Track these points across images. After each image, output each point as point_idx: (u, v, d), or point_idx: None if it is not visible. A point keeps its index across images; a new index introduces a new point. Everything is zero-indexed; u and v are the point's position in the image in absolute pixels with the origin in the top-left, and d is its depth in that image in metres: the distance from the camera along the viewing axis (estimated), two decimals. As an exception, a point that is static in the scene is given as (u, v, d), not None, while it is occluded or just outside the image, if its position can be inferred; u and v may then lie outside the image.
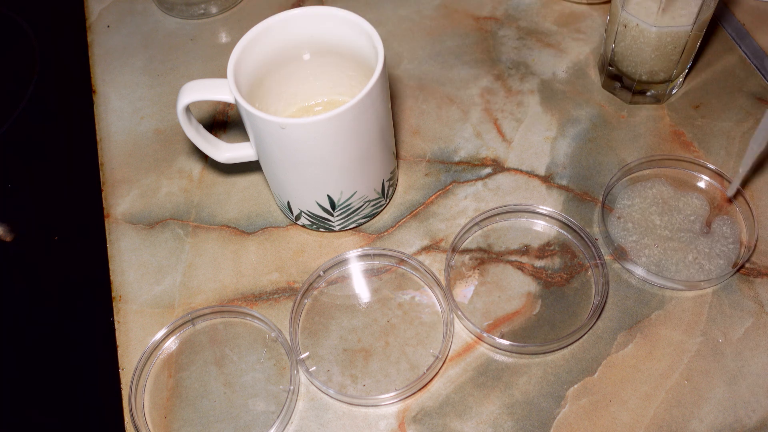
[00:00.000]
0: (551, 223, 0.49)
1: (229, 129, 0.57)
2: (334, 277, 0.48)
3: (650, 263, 0.46)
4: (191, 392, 0.44)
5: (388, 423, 0.42)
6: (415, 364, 0.44)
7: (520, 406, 0.42)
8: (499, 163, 0.53)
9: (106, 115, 0.59)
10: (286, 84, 0.48)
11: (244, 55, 0.43)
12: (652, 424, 0.41)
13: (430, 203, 0.51)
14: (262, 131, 0.41)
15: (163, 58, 0.62)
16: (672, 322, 0.45)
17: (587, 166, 0.52)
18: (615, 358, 0.44)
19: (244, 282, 0.48)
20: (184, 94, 0.44)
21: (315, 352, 0.45)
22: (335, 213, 0.47)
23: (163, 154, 0.56)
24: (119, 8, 0.67)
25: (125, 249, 0.51)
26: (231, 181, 0.54)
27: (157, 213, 0.53)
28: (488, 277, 0.47)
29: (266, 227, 0.51)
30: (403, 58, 0.60)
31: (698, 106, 0.55)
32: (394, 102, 0.57)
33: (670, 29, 0.48)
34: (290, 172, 0.44)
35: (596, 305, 0.45)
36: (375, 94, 0.41)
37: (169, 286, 0.49)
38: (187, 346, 0.46)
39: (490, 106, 0.56)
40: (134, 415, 0.42)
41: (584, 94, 0.56)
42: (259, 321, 0.46)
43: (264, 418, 0.43)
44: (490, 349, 0.45)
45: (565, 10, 0.62)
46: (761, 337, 0.44)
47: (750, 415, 0.41)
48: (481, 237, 0.49)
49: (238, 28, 0.64)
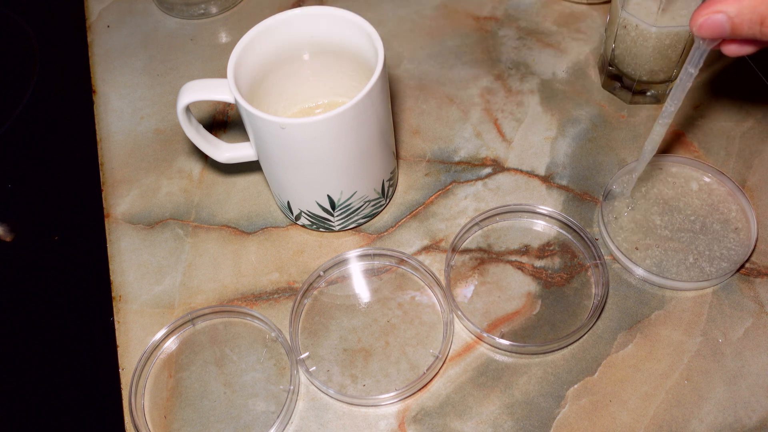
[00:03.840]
0: (551, 223, 0.49)
1: (229, 129, 0.57)
2: (334, 277, 0.48)
3: (650, 263, 0.46)
4: (191, 392, 0.44)
5: (388, 423, 0.42)
6: (415, 364, 0.44)
7: (520, 406, 0.42)
8: (499, 163, 0.53)
9: (106, 115, 0.59)
10: (286, 84, 0.48)
11: (244, 55, 0.43)
12: (652, 424, 0.41)
13: (430, 203, 0.51)
14: (262, 131, 0.41)
15: (163, 58, 0.62)
16: (672, 322, 0.45)
17: (587, 166, 0.52)
18: (615, 358, 0.44)
19: (244, 282, 0.48)
20: (184, 94, 0.44)
21: (315, 352, 0.45)
22: (335, 213, 0.47)
23: (163, 154, 0.56)
24: (119, 8, 0.67)
25: (125, 249, 0.51)
26: (231, 181, 0.54)
27: (157, 213, 0.53)
28: (488, 277, 0.47)
29: (266, 227, 0.51)
30: (403, 58, 0.60)
31: (698, 106, 0.55)
32: (394, 102, 0.57)
33: (670, 29, 0.48)
34: (290, 172, 0.44)
35: (596, 305, 0.45)
36: (375, 94, 0.41)
37: (169, 286, 0.49)
38: (187, 346, 0.46)
39: (490, 106, 0.56)
40: (134, 415, 0.42)
41: (584, 94, 0.56)
42: (259, 321, 0.46)
43: (264, 418, 0.43)
44: (490, 349, 0.45)
45: (565, 10, 0.62)
46: (761, 337, 0.44)
47: (750, 415, 0.41)
48: (481, 237, 0.49)
49: (238, 28, 0.64)
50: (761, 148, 0.52)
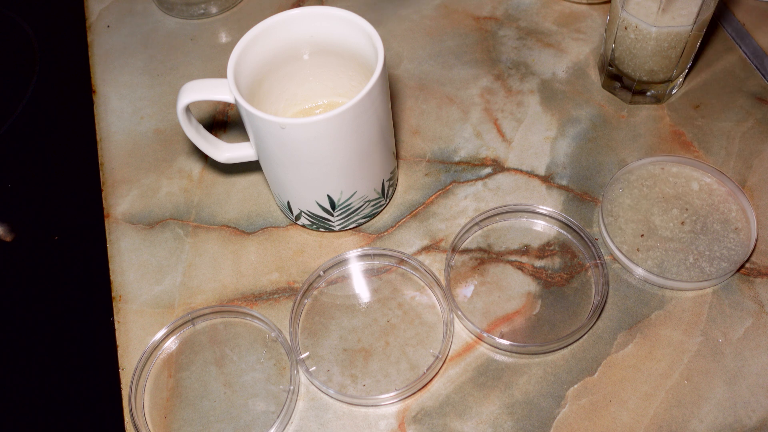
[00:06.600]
0: (551, 223, 0.49)
1: (229, 129, 0.57)
2: (334, 277, 0.48)
3: (650, 263, 0.46)
4: (191, 392, 0.44)
5: (388, 423, 0.42)
6: (415, 364, 0.44)
7: (520, 406, 0.42)
8: (499, 163, 0.53)
9: (106, 115, 0.59)
10: (286, 84, 0.48)
11: (244, 55, 0.43)
12: (652, 424, 0.41)
13: (430, 203, 0.51)
14: (262, 131, 0.41)
15: (163, 58, 0.62)
16: (672, 322, 0.45)
17: (587, 166, 0.52)
18: (615, 358, 0.44)
19: (244, 282, 0.48)
20: (184, 94, 0.44)
21: (315, 352, 0.45)
22: (335, 213, 0.47)
23: (163, 154, 0.56)
24: (119, 8, 0.67)
25: (125, 249, 0.51)
26: (231, 181, 0.54)
27: (157, 213, 0.53)
28: (488, 277, 0.47)
29: (266, 227, 0.51)
30: (403, 58, 0.60)
31: (698, 106, 0.55)
32: (394, 102, 0.57)
33: (670, 29, 0.48)
34: (290, 172, 0.44)
35: (596, 305, 0.45)
36: (375, 94, 0.41)
37: (169, 286, 0.49)
38: (187, 346, 0.46)
39: (490, 106, 0.56)
40: (134, 415, 0.42)
41: (584, 94, 0.56)
42: (259, 321, 0.46)
43: (264, 418, 0.43)
44: (490, 349, 0.45)
45: (565, 10, 0.62)
46: (761, 337, 0.44)
47: (750, 415, 0.41)
48: (481, 237, 0.49)
49: (238, 28, 0.64)
50: (761, 148, 0.52)
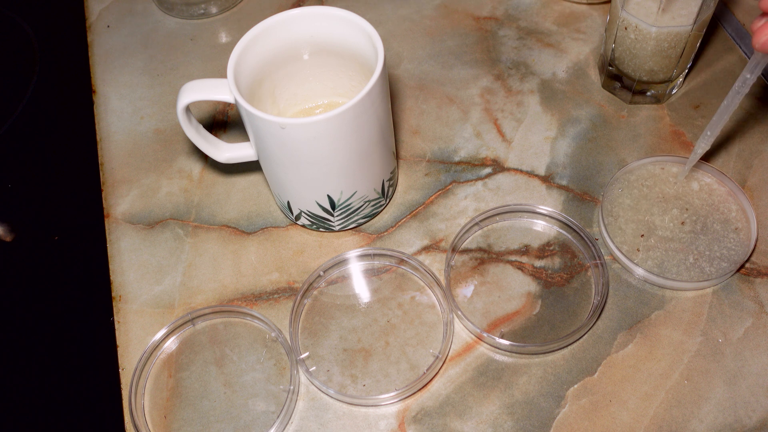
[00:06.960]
0: (551, 223, 0.49)
1: (229, 129, 0.57)
2: (334, 277, 0.48)
3: (650, 263, 0.46)
4: (191, 392, 0.44)
5: (388, 423, 0.42)
6: (415, 364, 0.44)
7: (520, 406, 0.42)
8: (499, 163, 0.53)
9: (106, 115, 0.59)
10: (287, 84, 0.48)
11: (244, 55, 0.43)
12: (652, 424, 0.41)
13: (430, 203, 0.51)
14: (262, 131, 0.41)
15: (163, 58, 0.62)
16: (672, 322, 0.45)
17: (587, 166, 0.52)
18: (615, 358, 0.44)
19: (244, 282, 0.48)
20: (184, 94, 0.44)
21: (315, 352, 0.45)
22: (335, 213, 0.47)
23: (163, 154, 0.56)
24: (119, 8, 0.67)
25: (125, 249, 0.51)
26: (231, 181, 0.54)
27: (157, 213, 0.53)
28: (488, 277, 0.47)
29: (266, 227, 0.51)
30: (403, 58, 0.60)
31: (698, 106, 0.55)
32: (394, 102, 0.57)
33: (670, 29, 0.48)
34: (290, 172, 0.44)
35: (596, 305, 0.45)
36: (375, 94, 0.41)
37: (169, 286, 0.49)
38: (187, 346, 0.46)
39: (490, 106, 0.56)
40: (134, 415, 0.42)
41: (584, 94, 0.56)
42: (259, 321, 0.46)
43: (264, 418, 0.43)
44: (490, 349, 0.45)
45: (565, 10, 0.62)
46: (761, 337, 0.44)
47: (750, 415, 0.41)
48: (481, 237, 0.49)
49: (238, 28, 0.64)
50: (761, 148, 0.52)
